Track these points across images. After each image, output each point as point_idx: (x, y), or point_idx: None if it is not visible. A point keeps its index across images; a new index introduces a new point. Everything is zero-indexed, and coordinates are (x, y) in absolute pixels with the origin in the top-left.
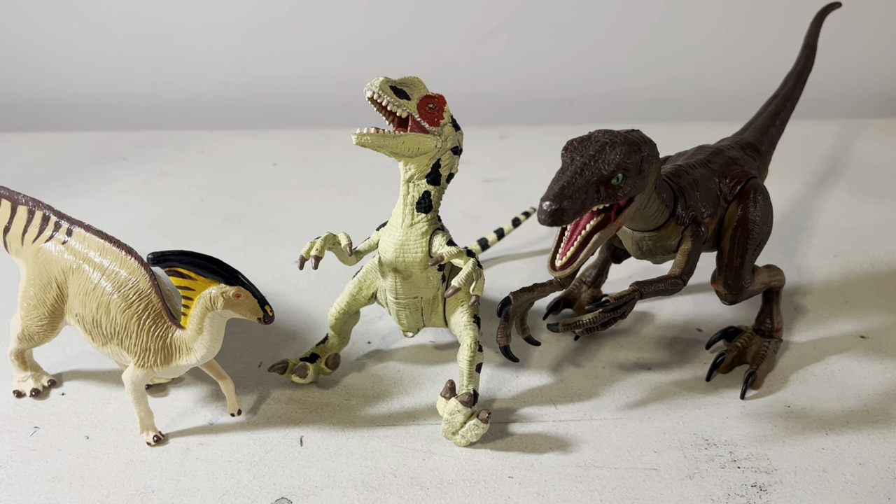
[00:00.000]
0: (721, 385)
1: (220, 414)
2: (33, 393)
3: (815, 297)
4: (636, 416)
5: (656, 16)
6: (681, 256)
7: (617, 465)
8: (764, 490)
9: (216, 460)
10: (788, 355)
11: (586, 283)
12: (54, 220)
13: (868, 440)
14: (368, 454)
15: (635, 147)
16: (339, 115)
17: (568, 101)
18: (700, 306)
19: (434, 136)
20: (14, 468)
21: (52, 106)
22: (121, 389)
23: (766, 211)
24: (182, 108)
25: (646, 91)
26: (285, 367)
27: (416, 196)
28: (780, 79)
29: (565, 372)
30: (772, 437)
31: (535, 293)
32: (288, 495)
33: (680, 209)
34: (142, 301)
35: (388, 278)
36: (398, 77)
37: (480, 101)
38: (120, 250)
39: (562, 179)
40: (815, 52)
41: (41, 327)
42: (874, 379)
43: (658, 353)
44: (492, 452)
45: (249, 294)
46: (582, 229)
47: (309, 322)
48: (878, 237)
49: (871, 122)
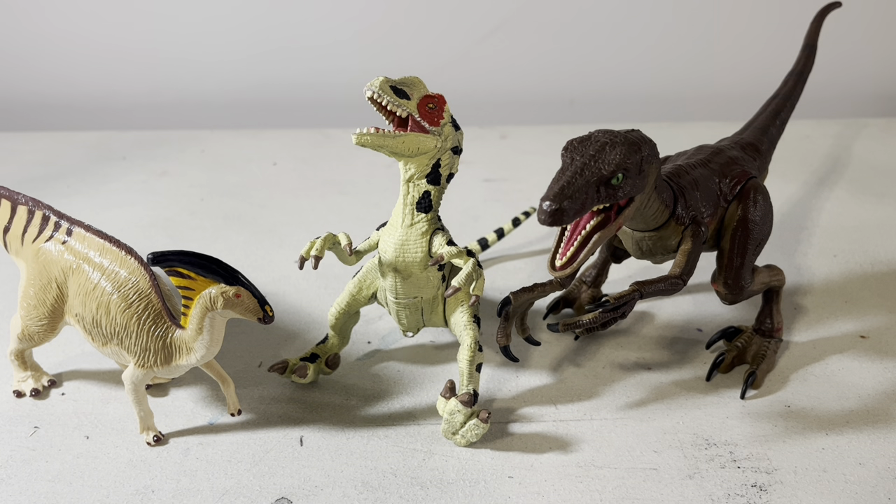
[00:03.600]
0: (721, 385)
1: (220, 414)
2: (33, 393)
3: (815, 297)
4: (636, 416)
5: (656, 16)
6: (681, 256)
7: (617, 465)
8: (764, 490)
9: (216, 460)
10: (788, 355)
11: (586, 283)
12: (54, 220)
13: (868, 440)
14: (368, 454)
15: (635, 147)
16: (339, 115)
17: (568, 100)
18: (700, 306)
19: (434, 136)
20: (14, 468)
21: (52, 106)
22: (121, 389)
23: (766, 211)
24: (182, 108)
25: (646, 91)
26: (285, 367)
27: (416, 196)
28: (780, 79)
29: (565, 372)
30: (772, 437)
31: (535, 293)
32: (288, 495)
33: (680, 209)
34: (142, 301)
35: (388, 278)
36: (398, 77)
37: (480, 101)
38: (120, 250)
39: (562, 179)
40: (815, 52)
41: (41, 327)
42: (874, 379)
43: (658, 353)
44: (492, 452)
45: (249, 294)
46: (582, 229)
47: (309, 322)
48: (878, 237)
49: (871, 122)
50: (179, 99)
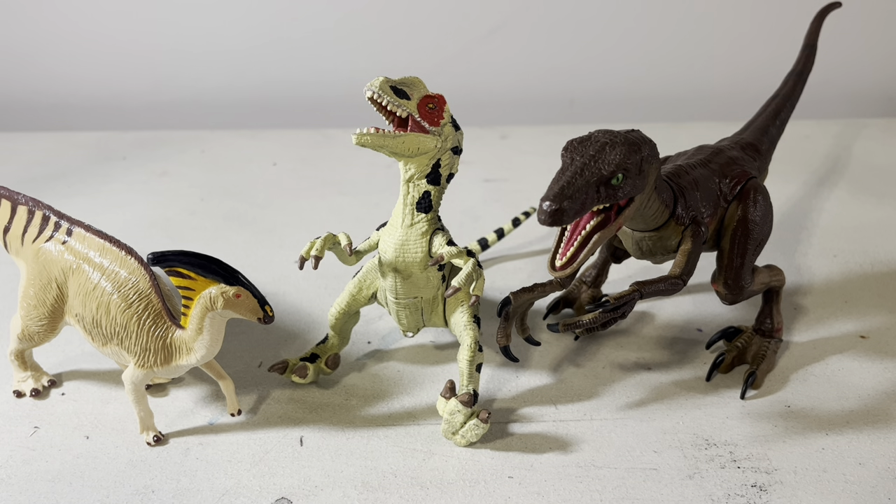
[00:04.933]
0: (721, 385)
1: (220, 414)
2: (33, 393)
3: (815, 297)
4: (636, 416)
5: (656, 16)
6: (681, 256)
7: (617, 465)
8: (764, 490)
9: (216, 460)
10: (788, 355)
11: (586, 283)
12: (54, 220)
13: (868, 440)
14: (368, 454)
15: (635, 147)
16: (339, 115)
17: (568, 101)
18: (700, 306)
19: (434, 136)
20: (14, 468)
21: (52, 106)
22: (121, 389)
23: (766, 211)
24: (182, 108)
25: (646, 91)
26: (285, 367)
27: (416, 196)
28: (780, 79)
29: (565, 372)
30: (772, 437)
31: (535, 293)
32: (288, 495)
33: (680, 209)
34: (142, 301)
35: (388, 278)
36: (398, 77)
37: (480, 101)
38: (120, 250)
39: (562, 179)
40: (815, 52)
41: (41, 327)
42: (874, 379)
43: (658, 353)
44: (492, 452)
45: (249, 294)
46: (582, 229)
47: (309, 322)
48: (878, 237)
49: (871, 122)
50: (179, 99)
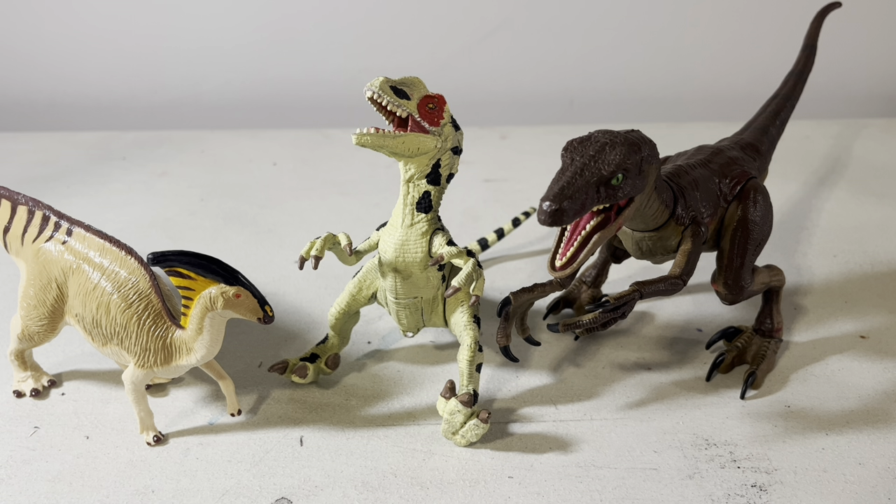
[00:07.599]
0: (721, 385)
1: (220, 414)
2: (33, 393)
3: (815, 297)
4: (636, 416)
5: (656, 16)
6: (681, 256)
7: (617, 465)
8: (764, 490)
9: (216, 460)
10: (788, 355)
11: (586, 283)
12: (54, 220)
13: (868, 440)
14: (368, 454)
15: (635, 147)
16: (339, 115)
17: (568, 101)
18: (700, 306)
19: (434, 136)
20: (14, 468)
21: (52, 106)
22: (121, 389)
23: (766, 211)
24: (182, 108)
25: (646, 91)
26: (285, 367)
27: (416, 196)
28: (780, 79)
29: (565, 372)
30: (772, 437)
31: (535, 293)
32: (288, 495)
33: (680, 209)
34: (142, 301)
35: (388, 278)
36: (398, 77)
37: (480, 101)
38: (120, 250)
39: (562, 180)
40: (815, 52)
41: (41, 327)
42: (874, 379)
43: (658, 353)
44: (492, 452)
45: (249, 294)
46: (582, 229)
47: (309, 322)
48: (878, 237)
49: (871, 122)
50: (179, 99)
